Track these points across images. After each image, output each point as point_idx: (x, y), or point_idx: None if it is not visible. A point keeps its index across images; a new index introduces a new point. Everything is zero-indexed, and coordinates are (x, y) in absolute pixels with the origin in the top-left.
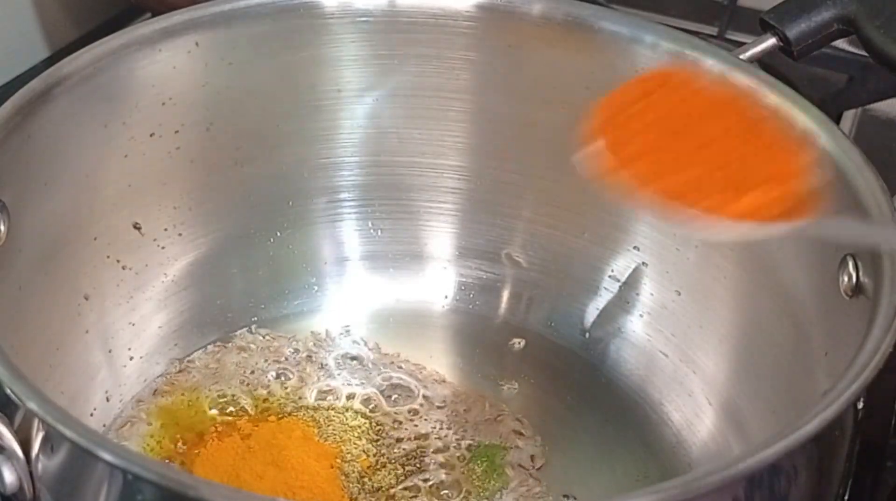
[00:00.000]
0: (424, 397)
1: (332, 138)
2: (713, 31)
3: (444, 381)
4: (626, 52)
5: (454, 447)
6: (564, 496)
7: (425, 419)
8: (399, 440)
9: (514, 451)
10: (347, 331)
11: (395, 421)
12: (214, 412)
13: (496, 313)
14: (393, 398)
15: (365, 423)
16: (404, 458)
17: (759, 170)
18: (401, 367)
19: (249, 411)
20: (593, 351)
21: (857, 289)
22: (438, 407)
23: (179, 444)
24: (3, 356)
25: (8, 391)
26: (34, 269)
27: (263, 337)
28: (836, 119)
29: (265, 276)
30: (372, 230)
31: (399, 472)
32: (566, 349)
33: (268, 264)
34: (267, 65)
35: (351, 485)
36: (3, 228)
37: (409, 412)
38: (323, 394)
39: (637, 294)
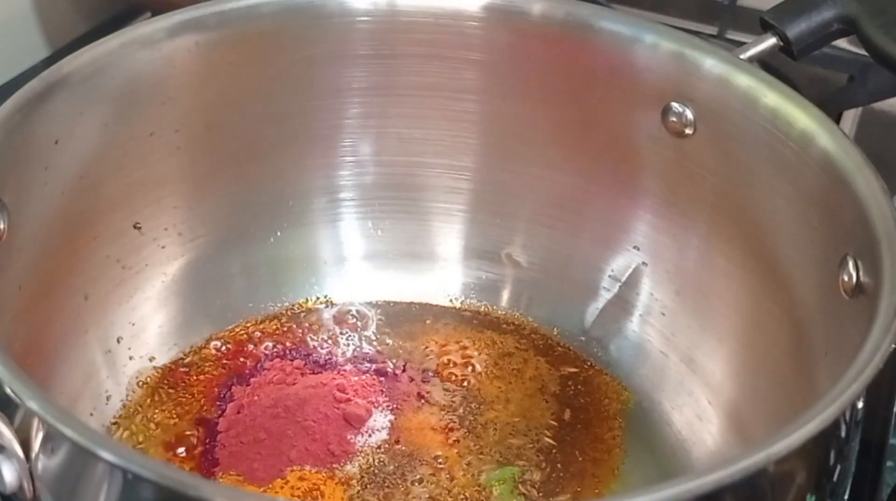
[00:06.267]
0: (426, 397)
1: (332, 138)
2: (713, 31)
3: (444, 382)
4: (626, 52)
5: (457, 452)
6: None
7: (425, 421)
8: (398, 442)
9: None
10: (347, 331)
11: (395, 422)
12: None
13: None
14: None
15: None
16: (405, 459)
17: None
18: (401, 368)
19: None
20: (593, 351)
21: (857, 289)
22: (438, 408)
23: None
24: (3, 356)
25: (8, 391)
26: (34, 269)
27: (263, 335)
28: (836, 119)
29: (265, 276)
30: (372, 230)
31: (399, 474)
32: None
33: (268, 264)
34: (267, 65)
35: (351, 486)
36: (3, 226)
37: (409, 413)
38: None
39: (637, 294)
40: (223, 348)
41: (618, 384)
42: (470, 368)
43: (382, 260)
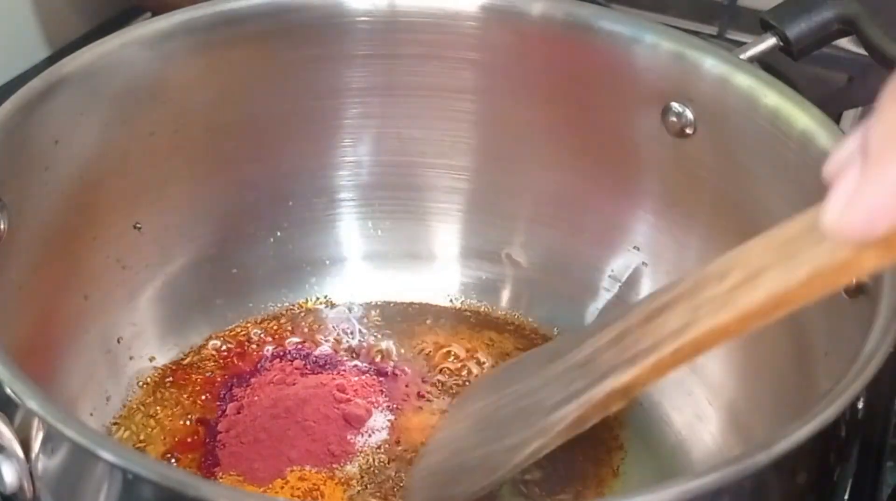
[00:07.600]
0: (426, 397)
1: (332, 138)
2: (713, 31)
3: (444, 381)
4: (626, 52)
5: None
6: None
7: (425, 421)
8: (398, 442)
9: None
10: (347, 331)
11: (395, 422)
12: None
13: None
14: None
15: None
16: (405, 459)
17: None
18: (401, 368)
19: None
20: None
21: (857, 289)
22: (438, 408)
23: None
24: (3, 356)
25: (8, 391)
26: (34, 269)
27: (263, 335)
28: (836, 119)
29: (265, 276)
30: (372, 230)
31: (399, 474)
32: None
33: (268, 264)
34: (267, 65)
35: (351, 486)
36: (3, 226)
37: (409, 413)
38: None
39: (637, 294)
40: (223, 348)
41: None
42: (470, 368)
43: (382, 260)
